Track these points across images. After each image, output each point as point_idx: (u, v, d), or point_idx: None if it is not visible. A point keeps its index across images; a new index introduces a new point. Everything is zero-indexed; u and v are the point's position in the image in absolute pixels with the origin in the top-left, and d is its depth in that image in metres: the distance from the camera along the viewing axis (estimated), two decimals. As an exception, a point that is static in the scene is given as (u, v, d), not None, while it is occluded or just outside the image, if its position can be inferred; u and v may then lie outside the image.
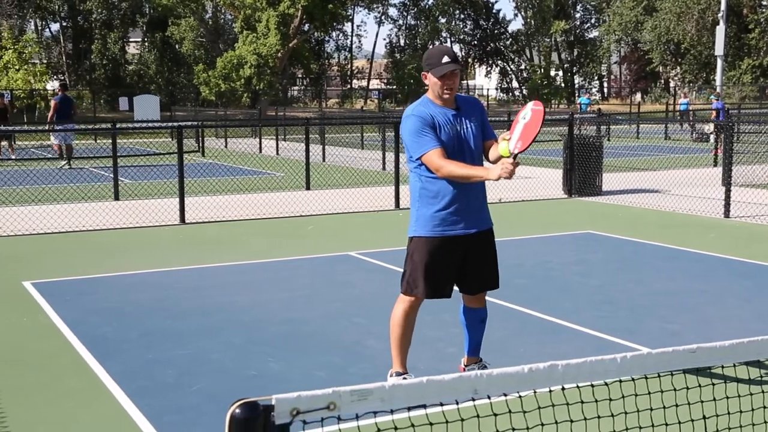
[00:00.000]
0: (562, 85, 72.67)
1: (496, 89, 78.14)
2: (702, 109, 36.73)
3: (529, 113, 4.41)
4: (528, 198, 13.81)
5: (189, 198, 12.06)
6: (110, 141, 15.21)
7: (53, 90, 21.30)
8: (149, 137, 32.30)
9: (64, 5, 62.61)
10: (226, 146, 28.39)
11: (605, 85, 79.72)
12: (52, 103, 20.30)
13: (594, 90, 76.92)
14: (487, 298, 5.69)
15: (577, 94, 72.27)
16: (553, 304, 6.77)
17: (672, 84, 66.83)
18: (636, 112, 39.54)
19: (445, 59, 4.48)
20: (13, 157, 22.43)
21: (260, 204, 13.22)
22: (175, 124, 19.05)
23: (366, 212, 12.58)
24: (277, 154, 24.62)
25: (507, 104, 68.48)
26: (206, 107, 48.48)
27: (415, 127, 4.48)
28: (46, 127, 22.13)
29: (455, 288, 4.79)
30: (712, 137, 27.09)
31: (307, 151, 15.80)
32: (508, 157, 4.42)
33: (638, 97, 66.51)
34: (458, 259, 4.64)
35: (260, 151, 25.78)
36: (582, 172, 14.26)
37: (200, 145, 24.64)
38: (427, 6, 73.92)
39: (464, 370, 5.02)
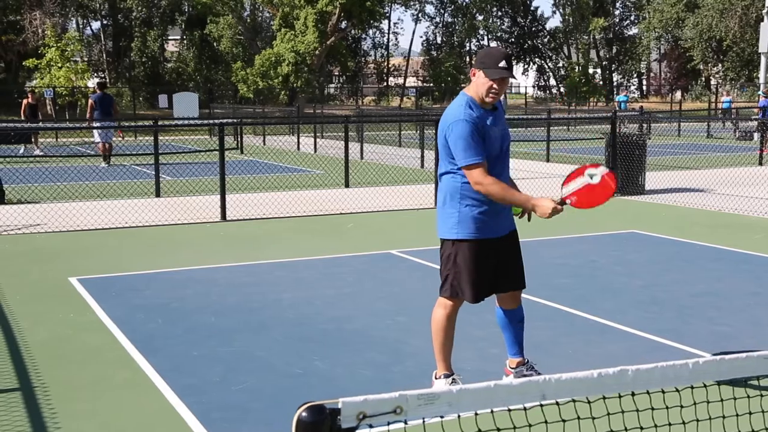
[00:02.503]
0: (601, 83, 71.94)
1: (534, 87, 77.60)
2: (745, 107, 36.14)
3: (599, 178, 4.37)
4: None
5: (229, 195, 12.12)
6: (149, 138, 15.36)
7: (93, 88, 21.17)
8: (187, 134, 32.59)
9: (104, 3, 63.33)
10: (264, 143, 28.52)
11: (644, 83, 78.76)
12: (89, 101, 20.32)
13: (633, 87, 76.06)
14: (531, 298, 5.66)
15: (615, 92, 71.57)
16: (598, 305, 6.69)
17: (713, 82, 65.82)
18: (678, 110, 39.02)
19: (502, 64, 4.43)
20: (38, 152, 22.71)
21: (300, 201, 13.25)
22: (217, 121, 19.19)
23: (406, 210, 12.55)
24: (315, 151, 24.67)
25: (545, 102, 67.97)
26: (243, 104, 48.75)
27: (465, 133, 4.39)
28: (84, 126, 22.39)
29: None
30: (756, 135, 26.65)
31: (347, 148, 15.80)
32: (516, 215, 4.63)
33: (678, 95, 65.60)
34: (495, 262, 4.62)
35: (298, 149, 25.86)
36: (625, 171, 14.09)
37: (239, 142, 24.77)
38: (464, 3, 73.60)
39: (510, 372, 4.97)
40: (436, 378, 4.79)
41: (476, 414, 1.98)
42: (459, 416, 1.96)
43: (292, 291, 7.33)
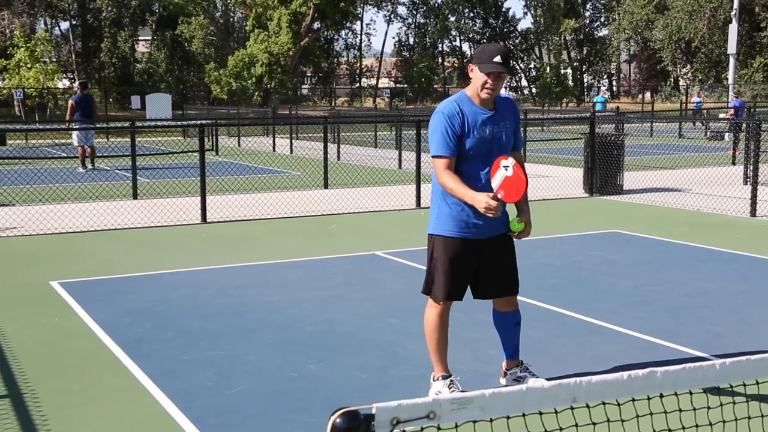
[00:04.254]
0: (571, 84, 72.44)
1: (506, 88, 77.91)
2: (714, 108, 36.53)
3: (511, 169, 4.28)
4: (549, 197, 13.71)
5: (208, 197, 11.98)
6: (121, 139, 15.20)
7: (75, 89, 19.96)
8: (160, 136, 32.29)
9: (74, 3, 62.64)
10: (239, 145, 28.32)
11: (614, 83, 79.44)
12: (69, 102, 19.20)
13: (604, 88, 76.65)
14: (522, 299, 5.62)
15: (587, 93, 72.09)
16: (589, 305, 6.68)
17: (682, 83, 66.54)
18: (650, 110, 39.36)
19: (497, 59, 4.36)
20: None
21: (280, 203, 13.15)
22: (197, 122, 18.99)
23: (387, 211, 12.50)
24: (291, 152, 24.54)
25: (518, 103, 68.27)
26: (217, 106, 48.45)
27: (437, 126, 4.42)
28: (63, 128, 21.99)
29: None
30: (726, 136, 26.94)
31: (326, 149, 15.72)
32: (513, 233, 4.55)
33: (648, 95, 66.22)
34: (474, 263, 4.55)
35: (274, 150, 25.72)
36: (603, 171, 14.15)
37: (214, 143, 24.58)
38: (436, 4, 73.78)
39: (506, 374, 4.94)
40: (434, 380, 4.74)
41: (508, 418, 1.95)
42: (491, 420, 1.93)
43: (279, 293, 7.25)
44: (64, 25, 66.42)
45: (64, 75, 59.08)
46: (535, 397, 1.97)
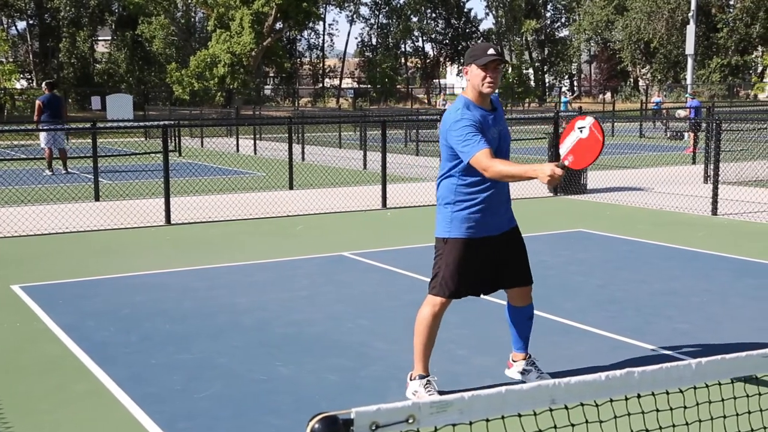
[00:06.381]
0: (533, 84, 73.02)
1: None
2: (675, 108, 37.03)
3: (587, 131, 4.22)
4: (514, 197, 13.69)
5: (172, 198, 11.84)
6: (81, 141, 14.93)
7: (43, 89, 19.08)
8: (121, 137, 31.89)
9: (30, 3, 61.69)
10: (201, 146, 28.09)
11: (575, 83, 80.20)
12: (37, 103, 18.43)
13: (565, 88, 77.33)
14: (488, 298, 5.63)
15: (548, 93, 72.66)
16: (558, 305, 6.71)
17: (641, 83, 67.38)
18: (611, 110, 39.78)
19: (491, 51, 4.45)
20: None
21: (245, 204, 13.04)
22: (160, 123, 18.75)
23: (353, 212, 12.46)
24: (255, 153, 24.40)
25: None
26: (179, 106, 48.03)
27: (465, 130, 4.36)
28: (32, 128, 21.54)
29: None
30: (686, 135, 27.32)
31: (290, 150, 15.64)
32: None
33: (609, 95, 66.96)
34: (490, 260, 4.64)
35: (237, 151, 25.54)
36: (567, 170, 14.20)
37: (177, 144, 24.34)
38: (398, 5, 73.90)
39: (512, 365, 5.02)
40: (411, 379, 4.73)
41: (487, 420, 1.94)
42: (471, 423, 1.92)
43: (247, 295, 7.18)
44: (21, 24, 65.38)
45: (22, 75, 58.15)
46: (515, 399, 1.96)
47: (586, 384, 2.01)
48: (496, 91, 4.62)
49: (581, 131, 4.24)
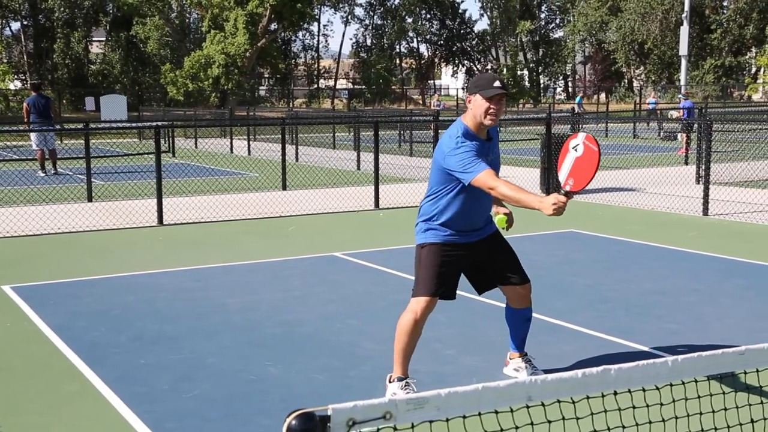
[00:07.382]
0: (527, 85, 73.12)
1: (463, 89, 78.40)
2: (669, 108, 37.11)
3: (581, 147, 4.18)
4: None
5: (165, 199, 11.85)
6: (75, 141, 14.92)
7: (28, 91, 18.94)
8: (115, 138, 31.85)
9: (24, 3, 61.56)
10: (195, 146, 28.08)
11: (570, 84, 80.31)
12: (24, 105, 18.44)
13: (559, 89, 77.49)
14: (479, 299, 5.65)
15: (543, 94, 72.74)
16: (548, 304, 6.73)
17: (636, 84, 67.48)
18: (605, 111, 39.87)
19: (497, 84, 4.48)
20: None
21: (238, 204, 13.06)
22: (152, 123, 18.73)
23: (346, 212, 12.48)
24: (249, 154, 24.40)
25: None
26: (173, 107, 47.97)
27: (464, 155, 4.38)
28: (22, 129, 21.47)
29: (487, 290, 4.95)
30: (679, 136, 27.38)
31: (284, 150, 15.66)
32: (503, 228, 4.71)
33: (603, 96, 67.06)
34: (470, 260, 4.73)
35: (231, 152, 25.53)
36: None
37: (171, 145, 24.33)
38: (393, 6, 73.94)
39: (508, 363, 5.11)
40: (389, 381, 4.75)
41: (464, 417, 1.96)
42: (447, 420, 1.94)
43: (238, 295, 7.19)
44: (15, 25, 65.26)
45: (16, 76, 58.04)
46: (491, 397, 1.99)
47: (562, 381, 2.03)
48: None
49: (576, 150, 4.20)
